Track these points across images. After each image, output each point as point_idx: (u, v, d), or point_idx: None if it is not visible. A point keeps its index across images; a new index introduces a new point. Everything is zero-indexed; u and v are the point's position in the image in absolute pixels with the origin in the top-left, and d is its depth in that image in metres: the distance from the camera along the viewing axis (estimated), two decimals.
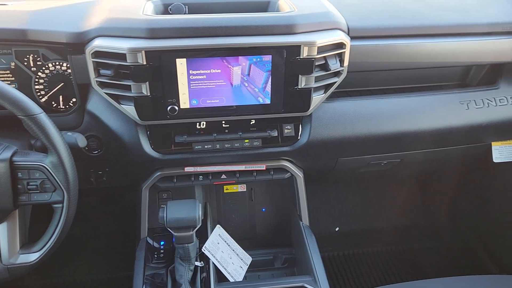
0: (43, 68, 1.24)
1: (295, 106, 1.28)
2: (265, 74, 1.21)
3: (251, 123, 1.34)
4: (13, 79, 1.23)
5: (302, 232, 1.51)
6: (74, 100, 1.29)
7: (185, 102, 1.21)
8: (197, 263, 1.33)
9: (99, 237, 2.06)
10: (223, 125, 1.33)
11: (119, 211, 2.00)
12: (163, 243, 1.45)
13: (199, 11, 1.30)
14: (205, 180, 1.46)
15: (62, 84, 1.26)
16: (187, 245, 1.27)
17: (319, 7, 1.29)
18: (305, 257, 1.43)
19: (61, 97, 1.28)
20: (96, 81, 1.17)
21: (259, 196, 1.80)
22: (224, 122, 1.33)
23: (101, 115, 1.28)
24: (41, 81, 1.26)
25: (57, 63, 1.24)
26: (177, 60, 1.14)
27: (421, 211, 2.36)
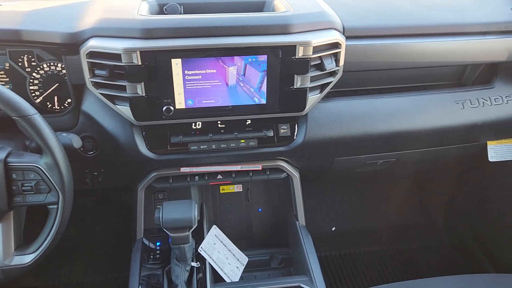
0: (38, 69, 1.24)
1: (290, 106, 1.28)
2: (261, 74, 1.21)
3: (247, 123, 1.34)
4: (7, 79, 1.23)
5: (298, 232, 1.51)
6: (69, 100, 1.28)
7: (180, 102, 1.21)
8: (193, 264, 1.33)
9: (95, 238, 2.05)
10: (219, 125, 1.33)
11: (115, 212, 1.99)
12: (159, 243, 1.44)
13: (194, 11, 1.29)
14: (201, 181, 1.45)
15: (57, 84, 1.25)
16: (183, 245, 1.27)
17: (315, 7, 1.29)
18: (301, 257, 1.43)
19: (56, 97, 1.28)
20: (91, 81, 1.17)
21: (255, 196, 1.79)
22: (219, 122, 1.32)
23: (96, 115, 1.27)
24: (36, 81, 1.25)
25: (51, 64, 1.24)
26: (172, 60, 1.14)
27: (418, 210, 2.36)
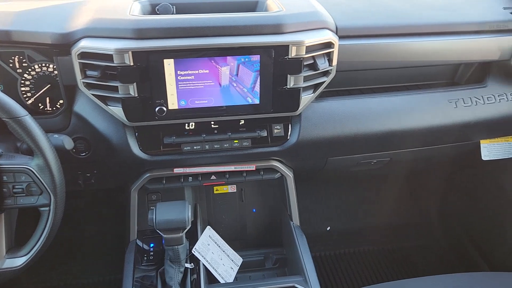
0: (29, 70, 1.23)
1: (284, 106, 1.28)
2: (254, 74, 1.20)
3: (241, 123, 1.33)
4: None
5: (292, 232, 1.50)
6: (61, 101, 1.27)
7: (173, 103, 1.20)
8: (187, 265, 1.33)
9: (89, 239, 2.04)
10: (212, 125, 1.32)
11: (108, 213, 1.98)
12: (152, 245, 1.44)
13: (187, 11, 1.28)
14: (194, 181, 1.45)
15: (49, 85, 1.25)
16: (176, 247, 1.26)
17: (307, 6, 1.29)
18: (295, 257, 1.43)
19: (47, 99, 1.27)
20: (83, 82, 1.16)
21: (250, 197, 1.79)
22: (213, 122, 1.32)
23: (89, 116, 1.26)
24: (27, 82, 1.24)
25: (43, 65, 1.23)
26: (164, 61, 1.13)
27: (412, 209, 2.37)
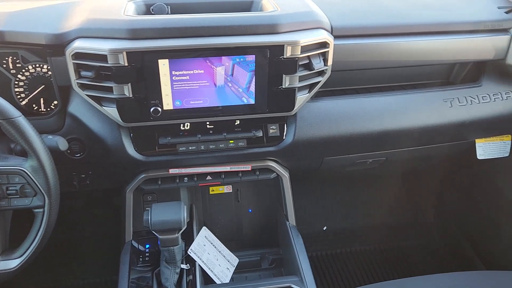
0: (23, 71, 1.22)
1: (279, 106, 1.28)
2: (249, 74, 1.20)
3: (236, 123, 1.33)
4: None
5: (288, 232, 1.50)
6: (55, 102, 1.27)
7: (168, 103, 1.20)
8: (183, 266, 1.32)
9: (84, 241, 2.03)
10: (207, 126, 1.32)
11: (104, 214, 1.97)
12: (148, 246, 1.43)
13: (181, 11, 1.28)
14: (190, 182, 1.44)
15: (43, 86, 1.24)
16: (172, 247, 1.25)
17: (303, 6, 1.29)
18: (292, 257, 1.43)
19: (42, 99, 1.26)
20: (77, 83, 1.15)
21: (245, 197, 1.79)
22: (208, 123, 1.32)
23: (83, 117, 1.26)
24: (21, 83, 1.24)
25: (37, 65, 1.22)
26: (159, 61, 1.13)
27: (408, 209, 2.37)
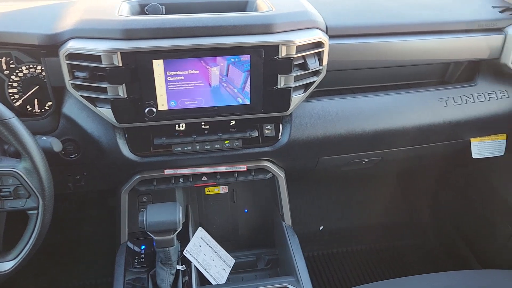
0: (17, 71, 1.22)
1: (275, 106, 1.27)
2: (244, 74, 1.20)
3: (231, 123, 1.33)
4: None
5: (284, 232, 1.50)
6: (49, 103, 1.26)
7: (163, 103, 1.19)
8: (178, 267, 1.32)
9: (80, 242, 2.02)
10: (203, 126, 1.31)
11: (100, 215, 1.96)
12: (143, 247, 1.42)
13: (176, 11, 1.27)
14: (185, 182, 1.44)
15: (37, 87, 1.23)
16: (168, 248, 1.25)
17: (297, 6, 1.29)
18: (287, 258, 1.42)
19: (36, 100, 1.25)
20: (71, 83, 1.15)
21: (241, 197, 1.78)
22: (203, 123, 1.31)
23: (78, 118, 1.25)
24: (14, 84, 1.23)
25: (31, 66, 1.22)
26: (154, 61, 1.12)
27: (404, 208, 2.37)
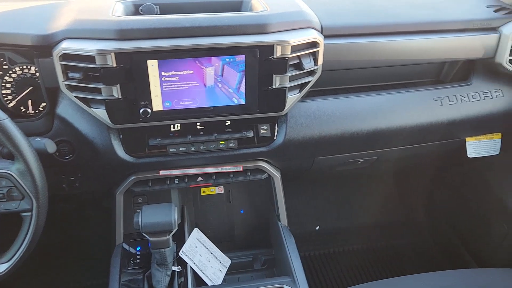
0: (10, 72, 1.21)
1: (270, 106, 1.27)
2: (239, 75, 1.19)
3: (227, 124, 1.32)
4: None
5: (280, 232, 1.50)
6: (43, 104, 1.25)
7: (158, 104, 1.19)
8: (174, 268, 1.31)
9: (75, 244, 2.02)
10: (198, 127, 1.31)
11: (95, 216, 1.95)
12: (139, 248, 1.42)
13: (171, 11, 1.27)
14: (181, 183, 1.43)
15: (31, 88, 1.23)
16: (163, 250, 1.24)
17: (292, 6, 1.29)
18: (284, 258, 1.42)
19: (30, 101, 1.24)
20: (65, 84, 1.14)
21: (237, 198, 1.78)
22: (199, 124, 1.31)
23: (72, 119, 1.24)
24: (8, 85, 1.22)
25: (24, 67, 1.21)
26: (148, 62, 1.12)
27: (400, 208, 2.38)
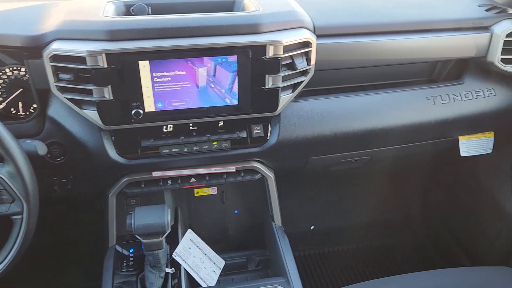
0: (0, 74, 1.19)
1: (263, 106, 1.27)
2: (231, 75, 1.19)
3: (219, 124, 1.32)
4: None
5: (274, 233, 1.50)
6: (34, 106, 1.24)
7: (150, 105, 1.18)
8: (167, 270, 1.30)
9: (68, 246, 2.00)
10: (191, 127, 1.30)
11: (88, 219, 1.94)
12: (132, 250, 1.41)
13: (162, 11, 1.26)
14: (174, 184, 1.43)
15: (21, 89, 1.21)
16: (156, 251, 1.24)
17: (285, 6, 1.28)
18: (278, 258, 1.42)
19: (20, 103, 1.23)
20: (56, 86, 1.13)
21: (231, 199, 1.77)
22: (191, 124, 1.30)
23: (63, 121, 1.23)
24: None
25: (14, 68, 1.20)
26: (139, 63, 1.11)
27: (394, 207, 2.38)
